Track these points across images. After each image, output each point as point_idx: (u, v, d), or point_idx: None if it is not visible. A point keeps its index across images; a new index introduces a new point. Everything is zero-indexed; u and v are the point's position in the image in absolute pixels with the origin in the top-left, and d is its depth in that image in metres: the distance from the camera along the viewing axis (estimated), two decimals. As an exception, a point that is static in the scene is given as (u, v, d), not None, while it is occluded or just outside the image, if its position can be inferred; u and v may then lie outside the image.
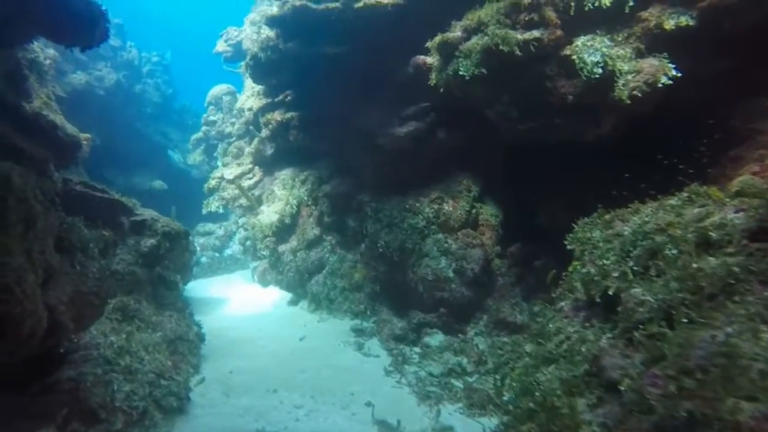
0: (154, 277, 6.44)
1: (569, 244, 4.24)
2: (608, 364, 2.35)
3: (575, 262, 3.87)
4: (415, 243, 7.15)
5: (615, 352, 2.43)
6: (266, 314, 8.56)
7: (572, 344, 3.24)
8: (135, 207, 6.50)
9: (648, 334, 2.32)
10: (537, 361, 3.37)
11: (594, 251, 3.75)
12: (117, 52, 16.64)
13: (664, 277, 2.76)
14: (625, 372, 2.23)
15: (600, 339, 3.12)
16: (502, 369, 4.00)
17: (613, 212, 4.00)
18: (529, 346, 3.71)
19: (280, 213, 8.90)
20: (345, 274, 7.88)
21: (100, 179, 15.54)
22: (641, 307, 2.52)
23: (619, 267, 3.31)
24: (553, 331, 3.61)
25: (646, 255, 3.04)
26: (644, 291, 2.63)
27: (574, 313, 3.64)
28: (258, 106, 9.47)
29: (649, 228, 3.18)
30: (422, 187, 7.54)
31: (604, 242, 3.73)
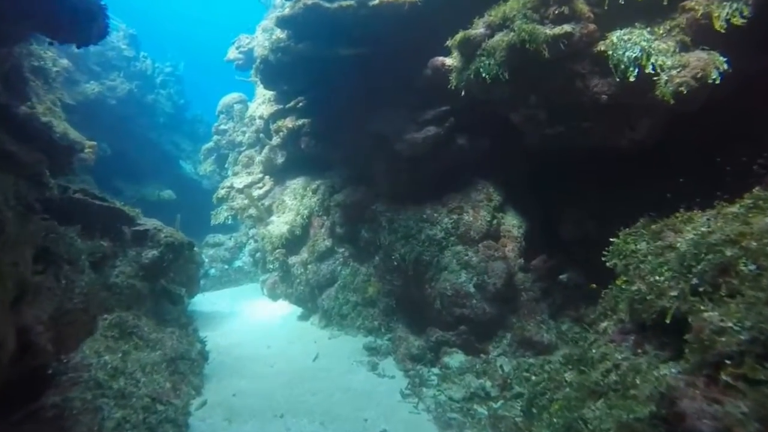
0: (157, 291, 6.09)
1: (609, 259, 3.77)
2: (690, 411, 1.88)
3: (620, 279, 3.40)
4: (432, 255, 6.71)
5: (695, 393, 1.96)
6: (275, 330, 8.16)
7: (623, 375, 2.76)
8: (137, 216, 6.18)
9: (745, 376, 1.85)
10: (581, 393, 2.90)
11: (642, 266, 3.29)
12: (130, 62, 16.63)
13: (743, 298, 2.29)
14: (723, 426, 1.76)
15: (657, 370, 2.65)
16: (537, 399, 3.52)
17: (661, 222, 3.54)
18: (570, 374, 3.24)
19: (291, 224, 8.54)
20: (358, 288, 7.45)
21: (110, 189, 15.47)
22: (723, 337, 2.06)
23: (677, 284, 2.84)
24: (597, 357, 3.13)
25: (715, 271, 2.57)
26: (722, 316, 2.17)
27: (622, 337, 3.17)
28: (269, 113, 9.18)
29: (716, 239, 2.71)
30: (440, 196, 7.11)
31: (654, 256, 3.27)
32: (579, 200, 7.27)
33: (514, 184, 7.57)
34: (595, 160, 6.61)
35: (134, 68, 16.70)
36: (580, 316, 6.06)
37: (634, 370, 2.70)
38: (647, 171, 6.22)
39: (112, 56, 16.18)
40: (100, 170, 14.93)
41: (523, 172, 7.55)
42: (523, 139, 7.27)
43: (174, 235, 5.97)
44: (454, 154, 7.01)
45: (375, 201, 7.44)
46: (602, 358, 3.07)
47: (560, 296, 6.52)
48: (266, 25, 11.10)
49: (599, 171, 6.79)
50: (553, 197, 7.40)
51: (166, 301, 6.34)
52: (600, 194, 6.91)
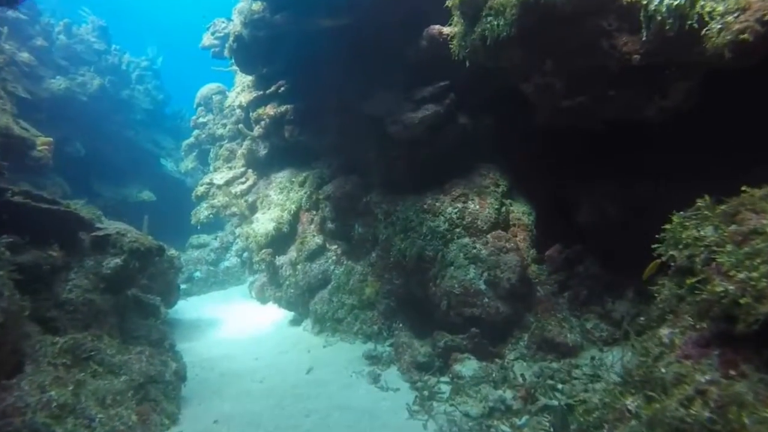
0: (122, 304, 5.30)
1: (665, 250, 3.03)
2: None
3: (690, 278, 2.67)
4: (436, 250, 5.97)
5: None
6: (264, 338, 7.40)
7: (719, 408, 2.05)
8: (97, 219, 5.38)
9: None
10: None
11: (717, 258, 2.57)
12: (101, 56, 15.65)
13: None
14: None
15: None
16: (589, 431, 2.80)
17: (734, 201, 2.82)
18: (631, 399, 2.52)
19: (277, 221, 7.76)
20: (354, 289, 6.70)
21: (87, 191, 14.50)
22: None
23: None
24: (669, 378, 2.42)
25: None
26: None
27: (699, 351, 2.45)
28: (248, 101, 8.35)
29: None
30: (442, 183, 6.37)
31: (733, 244, 2.55)
32: (595, 181, 6.57)
33: (521, 166, 6.84)
34: (613, 135, 5.91)
35: (106, 62, 15.72)
36: (606, 312, 5.36)
37: (736, 403, 1.98)
38: (674, 144, 5.53)
39: (81, 50, 15.19)
40: (74, 172, 14.02)
41: (531, 153, 6.82)
42: (532, 116, 6.56)
43: (140, 239, 5.16)
44: (455, 136, 6.26)
45: (369, 191, 6.68)
46: (677, 380, 2.36)
47: (581, 290, 5.82)
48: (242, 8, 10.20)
49: (618, 148, 6.09)
50: (565, 179, 6.69)
51: (135, 316, 5.55)
52: (619, 174, 6.21)
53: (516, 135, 6.70)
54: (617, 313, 5.17)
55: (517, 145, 6.77)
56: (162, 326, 6.05)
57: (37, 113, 12.93)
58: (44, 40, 13.63)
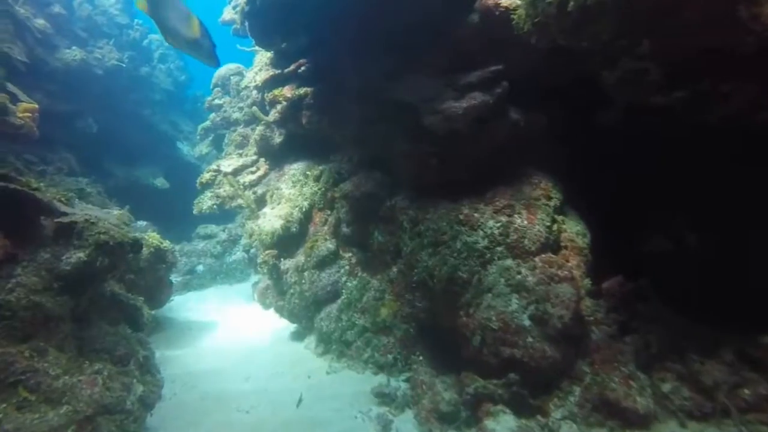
0: (88, 307, 4.34)
1: None
2: None
3: None
4: (472, 271, 4.87)
5: None
6: (260, 352, 6.40)
7: None
8: (64, 203, 4.43)
9: None
10: None
11: None
12: (123, 30, 14.92)
13: None
14: None
15: None
16: None
17: None
18: None
19: (286, 218, 6.76)
20: (367, 308, 5.64)
21: (97, 169, 13.80)
22: None
23: None
24: None
25: None
26: None
27: None
28: (263, 80, 7.37)
29: None
30: (483, 190, 5.26)
31: None
32: (672, 201, 5.40)
33: (578, 176, 5.70)
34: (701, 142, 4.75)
35: (127, 37, 15.00)
36: (691, 373, 4.16)
37: None
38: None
39: (102, 22, 14.48)
40: (85, 148, 13.35)
41: (591, 161, 5.67)
42: (599, 116, 5.42)
43: (111, 231, 4.20)
44: (504, 133, 5.14)
45: (394, 193, 5.61)
46: None
47: (651, 337, 4.64)
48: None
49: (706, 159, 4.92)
50: (631, 195, 5.54)
51: (105, 320, 4.59)
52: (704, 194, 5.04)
53: (576, 137, 5.57)
54: (708, 377, 3.97)
55: (574, 149, 5.64)
56: (136, 335, 5.08)
57: (48, 83, 12.28)
58: (62, 8, 12.94)
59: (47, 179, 11.14)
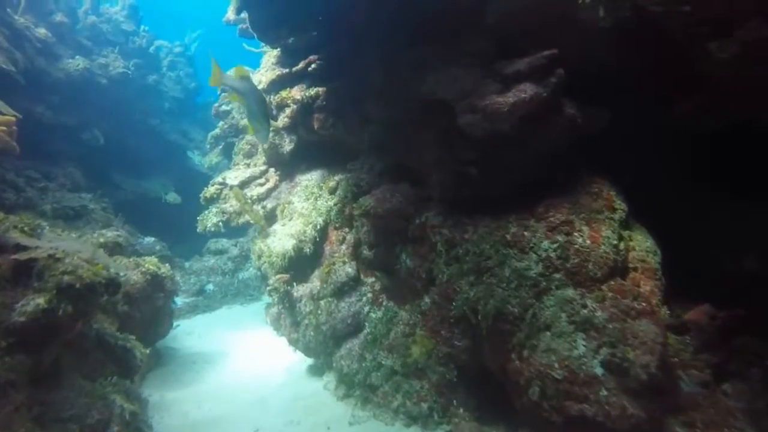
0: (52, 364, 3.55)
1: None
2: None
3: None
4: (524, 305, 3.95)
5: None
6: (272, 395, 5.54)
7: None
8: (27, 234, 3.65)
9: None
10: None
11: None
12: (129, 37, 14.37)
13: None
14: None
15: None
16: None
17: None
18: None
19: (298, 237, 5.92)
20: (396, 346, 4.75)
21: (104, 182, 13.20)
22: None
23: None
24: None
25: None
26: None
27: None
28: (269, 80, 6.56)
29: None
30: (533, 203, 4.33)
31: None
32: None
33: (646, 182, 4.73)
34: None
35: (133, 44, 14.44)
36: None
37: None
38: None
39: (107, 30, 13.95)
40: (91, 161, 12.79)
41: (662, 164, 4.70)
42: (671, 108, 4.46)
43: (79, 270, 3.39)
44: (559, 133, 4.20)
45: (424, 208, 4.71)
46: None
47: (758, 385, 3.66)
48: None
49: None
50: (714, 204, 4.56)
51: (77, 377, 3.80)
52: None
53: (643, 137, 4.62)
54: None
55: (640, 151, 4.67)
56: (123, 384, 4.28)
57: (51, 95, 11.73)
58: (65, 16, 12.41)
59: (49, 196, 10.56)
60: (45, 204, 10.26)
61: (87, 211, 10.23)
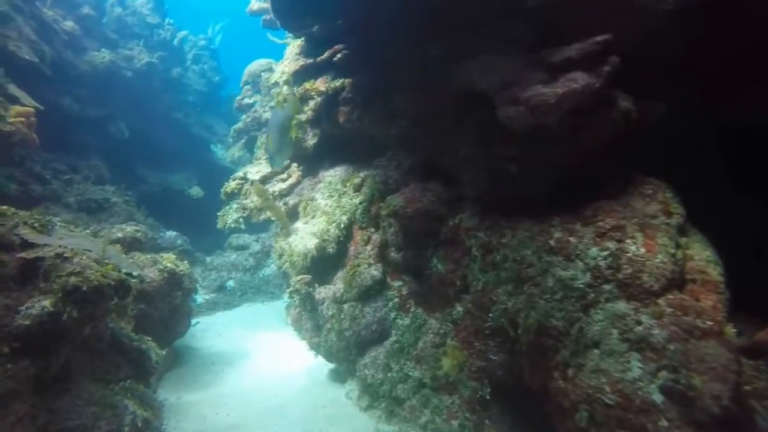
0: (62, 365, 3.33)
1: None
2: None
3: None
4: (570, 318, 3.56)
5: None
6: (291, 402, 5.27)
7: None
8: (37, 230, 3.43)
9: None
10: None
11: None
12: (153, 29, 14.33)
13: None
14: None
15: None
16: None
17: None
18: None
19: (321, 236, 5.63)
20: (425, 357, 4.41)
21: (129, 175, 13.21)
22: None
23: None
24: None
25: None
26: None
27: None
28: (292, 71, 6.26)
29: None
30: (579, 206, 3.92)
31: None
32: None
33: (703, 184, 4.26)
34: None
35: (158, 37, 14.39)
36: None
37: None
38: None
39: (133, 23, 13.93)
40: (116, 154, 12.82)
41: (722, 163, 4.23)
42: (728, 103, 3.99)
43: (87, 271, 3.15)
44: (611, 129, 3.78)
45: (458, 209, 4.34)
46: None
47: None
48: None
49: None
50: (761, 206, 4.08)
51: (86, 382, 3.58)
52: None
53: (696, 132, 4.14)
54: None
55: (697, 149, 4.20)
56: (136, 388, 4.07)
57: (77, 87, 11.74)
58: (92, 9, 12.41)
59: (73, 188, 10.56)
60: (69, 196, 10.25)
61: (110, 204, 10.19)
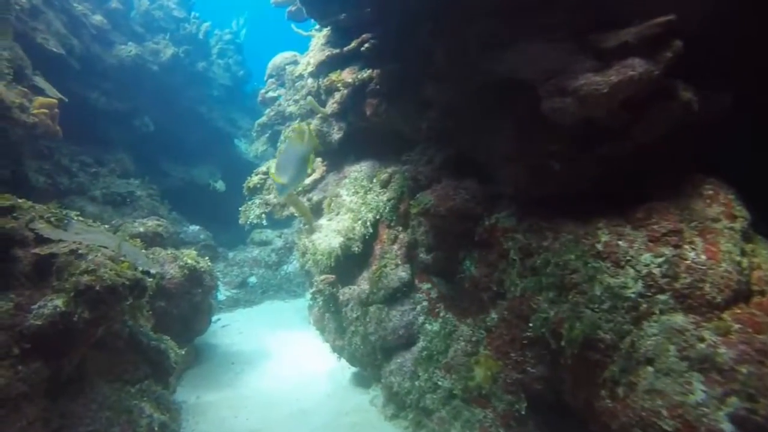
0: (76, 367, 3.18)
1: None
2: None
3: None
4: (620, 331, 3.23)
5: None
6: (313, 408, 5.06)
7: None
8: (54, 224, 3.28)
9: None
10: None
11: None
12: (179, 23, 14.30)
13: None
14: None
15: None
16: None
17: None
18: None
19: (346, 234, 5.38)
20: (455, 366, 4.13)
21: (153, 169, 13.25)
22: None
23: None
24: None
25: None
26: None
27: None
28: (318, 62, 6.02)
29: None
30: (629, 207, 3.57)
31: None
32: None
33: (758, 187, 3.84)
34: None
35: (184, 31, 14.36)
36: None
37: None
38: None
39: (159, 16, 13.93)
40: (141, 147, 12.86)
41: None
42: None
43: (101, 269, 2.97)
44: (670, 122, 3.41)
45: (494, 209, 4.03)
46: None
47: None
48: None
49: None
50: None
51: (102, 383, 3.43)
52: None
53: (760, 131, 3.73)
54: None
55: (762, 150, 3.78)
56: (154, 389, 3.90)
57: (104, 81, 11.79)
58: (120, 3, 12.44)
59: (99, 181, 10.60)
60: (95, 190, 10.29)
61: (134, 198, 10.18)
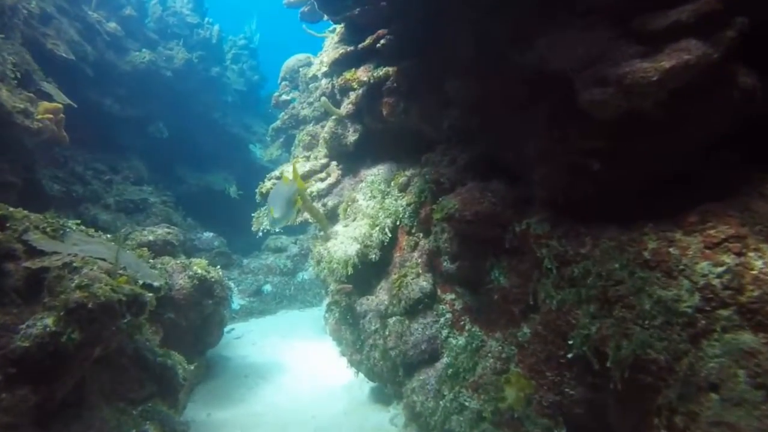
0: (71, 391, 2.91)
1: None
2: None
3: None
4: (675, 351, 2.84)
5: None
6: (330, 425, 4.75)
7: None
8: (49, 235, 3.03)
9: None
10: None
11: None
12: (193, 29, 14.25)
13: None
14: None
15: None
16: None
17: None
18: None
19: (363, 241, 5.07)
20: (484, 384, 3.77)
21: (168, 175, 13.16)
22: None
23: None
24: None
25: None
26: None
27: None
28: (332, 60, 5.73)
29: None
30: (679, 209, 3.18)
31: None
32: None
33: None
34: None
35: (198, 36, 14.30)
36: None
37: None
38: None
39: (173, 23, 13.90)
40: (155, 154, 12.81)
41: None
42: None
43: (95, 285, 2.70)
44: (728, 111, 3.02)
45: (525, 213, 3.67)
46: None
47: None
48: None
49: None
50: None
51: (102, 405, 3.16)
52: None
53: None
54: None
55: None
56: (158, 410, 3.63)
57: (117, 88, 11.75)
58: (134, 10, 12.42)
59: (113, 189, 10.51)
60: (109, 197, 10.19)
61: (147, 205, 10.06)
